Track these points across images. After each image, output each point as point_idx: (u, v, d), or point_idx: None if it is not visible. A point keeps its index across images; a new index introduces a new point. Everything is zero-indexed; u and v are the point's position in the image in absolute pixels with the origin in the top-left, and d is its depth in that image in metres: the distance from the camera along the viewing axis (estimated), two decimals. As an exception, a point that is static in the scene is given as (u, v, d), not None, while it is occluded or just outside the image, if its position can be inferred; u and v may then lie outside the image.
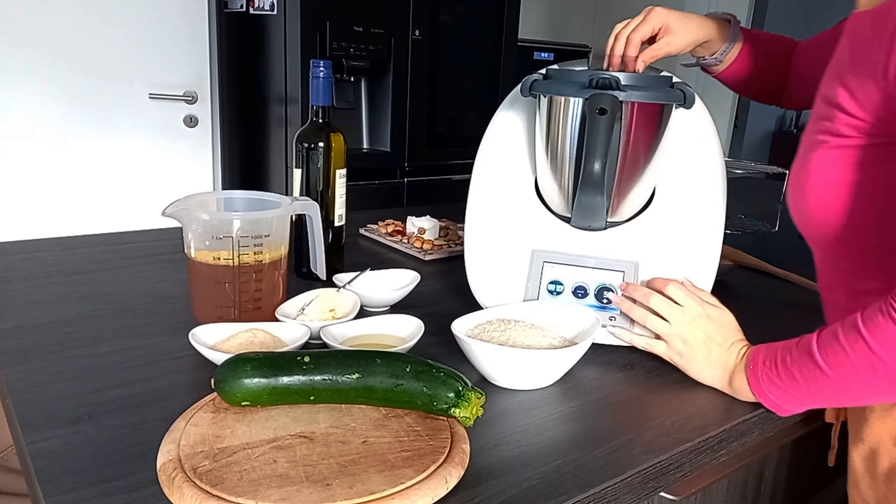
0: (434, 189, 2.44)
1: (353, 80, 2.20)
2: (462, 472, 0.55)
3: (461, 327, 0.77)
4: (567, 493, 0.55)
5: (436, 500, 0.52)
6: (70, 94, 1.97)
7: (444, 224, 1.33)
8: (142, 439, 0.59)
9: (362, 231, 1.34)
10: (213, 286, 0.82)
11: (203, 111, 2.20)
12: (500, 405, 0.69)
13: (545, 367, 0.73)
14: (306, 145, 0.98)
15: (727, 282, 1.13)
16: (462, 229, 1.08)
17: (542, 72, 0.83)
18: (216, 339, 0.75)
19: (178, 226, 0.82)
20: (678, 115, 0.82)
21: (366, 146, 2.37)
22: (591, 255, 0.85)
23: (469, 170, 0.91)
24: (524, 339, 0.75)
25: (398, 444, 0.57)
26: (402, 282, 0.97)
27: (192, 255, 0.82)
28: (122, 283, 0.98)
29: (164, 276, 1.02)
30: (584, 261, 0.85)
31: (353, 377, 0.61)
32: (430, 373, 0.61)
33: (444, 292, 1.02)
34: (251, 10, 2.16)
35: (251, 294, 0.83)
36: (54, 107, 1.96)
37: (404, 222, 1.32)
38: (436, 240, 1.25)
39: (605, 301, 0.84)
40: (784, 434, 0.74)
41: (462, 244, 1.01)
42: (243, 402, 0.61)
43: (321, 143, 0.98)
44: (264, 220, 0.83)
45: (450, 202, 1.53)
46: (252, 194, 0.90)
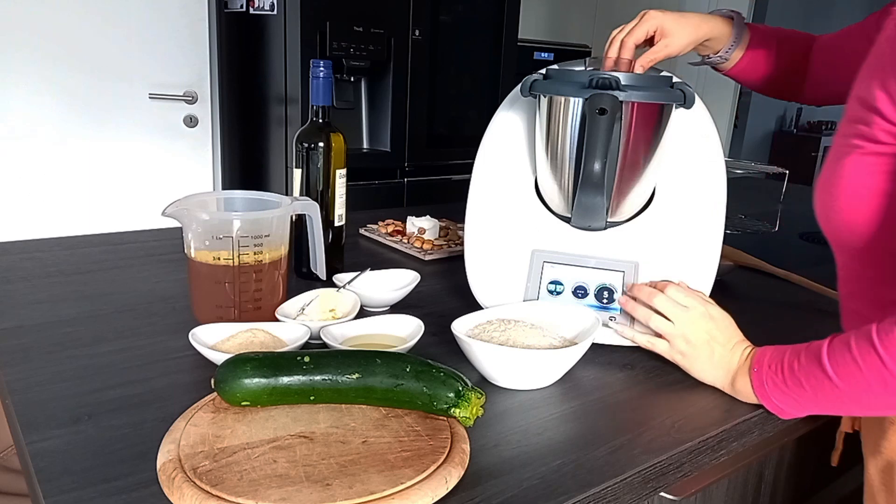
0: (434, 189, 2.44)
1: (353, 80, 2.20)
2: (462, 472, 0.55)
3: (461, 327, 0.77)
4: (567, 493, 0.55)
5: (436, 500, 0.52)
6: (70, 94, 1.97)
7: (444, 224, 1.33)
8: (142, 439, 0.59)
9: (362, 231, 1.34)
10: (213, 286, 0.82)
11: (203, 111, 2.20)
12: (500, 405, 0.69)
13: (545, 367, 0.73)
14: (306, 145, 0.98)
15: (727, 282, 1.13)
16: (462, 229, 1.08)
17: (542, 72, 0.83)
18: (216, 339, 0.75)
19: (178, 226, 0.82)
20: (678, 115, 0.82)
21: (366, 146, 2.37)
22: (591, 255, 0.85)
23: (469, 170, 0.91)
24: (524, 339, 0.75)
25: (398, 444, 0.57)
26: (402, 282, 0.97)
27: (192, 255, 0.82)
28: (122, 283, 0.98)
29: (164, 276, 1.02)
30: (584, 261, 0.85)
31: (353, 377, 0.61)
32: (430, 373, 0.61)
33: (444, 292, 1.02)
34: (251, 10, 2.16)
35: (251, 294, 0.83)
36: (54, 107, 1.96)
37: (404, 222, 1.32)
38: (436, 240, 1.25)
39: (605, 301, 0.84)
40: (784, 434, 0.74)
41: (462, 244, 1.01)
42: (243, 402, 0.61)
43: (321, 143, 0.98)
44: (264, 220, 0.83)
45: (450, 202, 1.53)
46: (252, 194, 0.90)
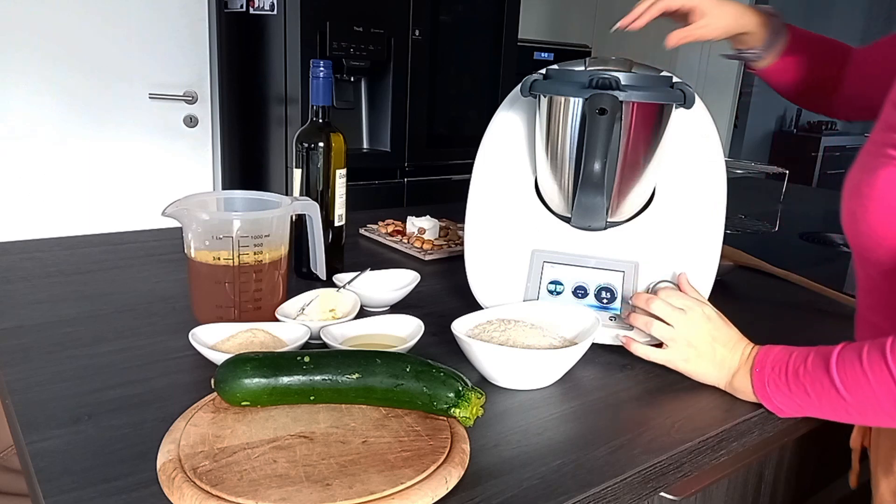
0: (434, 189, 2.44)
1: (353, 80, 2.20)
2: (462, 472, 0.55)
3: (461, 327, 0.77)
4: (567, 493, 0.55)
5: (436, 500, 0.52)
6: (70, 94, 1.97)
7: (444, 224, 1.33)
8: (142, 439, 0.59)
9: (362, 231, 1.34)
10: (213, 286, 0.82)
11: (203, 111, 2.20)
12: (500, 405, 0.69)
13: (545, 367, 0.73)
14: (306, 145, 0.98)
15: (727, 282, 1.13)
16: (462, 229, 1.08)
17: (542, 72, 0.83)
18: (216, 339, 0.75)
19: (178, 226, 0.82)
20: (678, 115, 0.82)
21: (366, 146, 2.37)
22: (591, 255, 0.85)
23: (469, 170, 0.91)
24: (524, 339, 0.75)
25: (398, 444, 0.57)
26: (402, 282, 0.97)
27: (192, 255, 0.82)
28: (122, 283, 0.98)
29: (164, 276, 1.02)
30: (584, 261, 0.85)
31: (353, 377, 0.61)
32: (430, 373, 0.61)
33: (444, 292, 1.02)
34: (251, 10, 2.16)
35: (251, 294, 0.83)
36: (54, 107, 1.96)
37: (404, 222, 1.32)
38: (436, 240, 1.25)
39: (605, 301, 0.84)
40: (784, 434, 0.74)
41: (462, 244, 1.01)
42: (243, 402, 0.61)
43: (321, 143, 0.98)
44: (264, 220, 0.83)
45: (450, 202, 1.53)
46: (252, 194, 0.90)
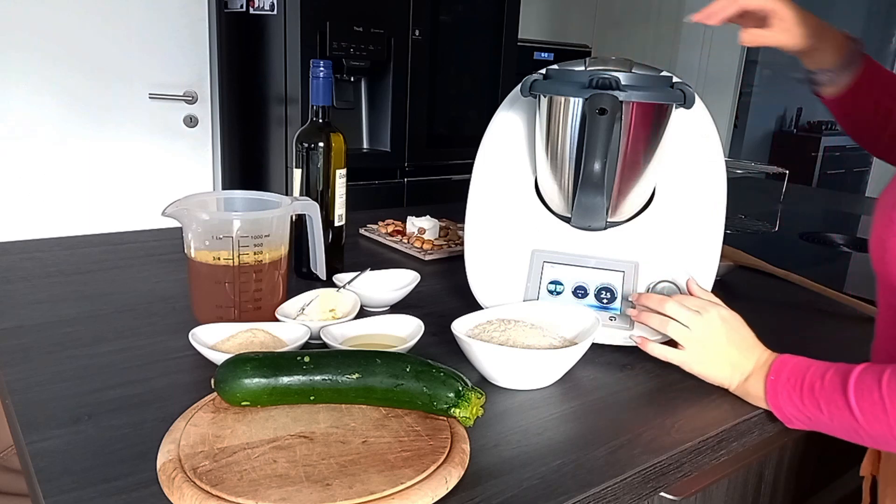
0: (434, 189, 2.44)
1: (353, 80, 2.20)
2: (462, 472, 0.55)
3: (461, 327, 0.77)
4: (567, 493, 0.55)
5: (436, 500, 0.52)
6: (70, 94, 1.97)
7: (444, 224, 1.33)
8: (142, 439, 0.59)
9: (362, 231, 1.34)
10: (213, 286, 0.82)
11: (203, 111, 2.20)
12: (500, 405, 0.69)
13: (545, 367, 0.73)
14: (306, 145, 0.98)
15: (727, 282, 1.13)
16: (462, 229, 1.08)
17: (542, 72, 0.83)
18: (216, 339, 0.75)
19: (178, 226, 0.82)
20: (678, 115, 0.82)
21: (366, 146, 2.37)
22: (591, 255, 0.85)
23: (469, 170, 0.91)
24: (524, 339, 0.75)
25: (398, 444, 0.57)
26: (402, 282, 0.97)
27: (192, 255, 0.82)
28: (122, 283, 0.98)
29: (164, 276, 1.02)
30: (584, 261, 0.85)
31: (353, 377, 0.61)
32: (430, 373, 0.61)
33: (444, 292, 1.02)
34: (251, 10, 2.16)
35: (251, 294, 0.83)
36: (54, 107, 1.96)
37: (404, 222, 1.32)
38: (436, 240, 1.25)
39: (605, 301, 0.84)
40: (784, 434, 0.74)
41: (462, 244, 1.01)
42: (243, 402, 0.61)
43: (321, 143, 0.98)
44: (264, 220, 0.83)
45: (450, 202, 1.53)
46: (252, 194, 0.90)
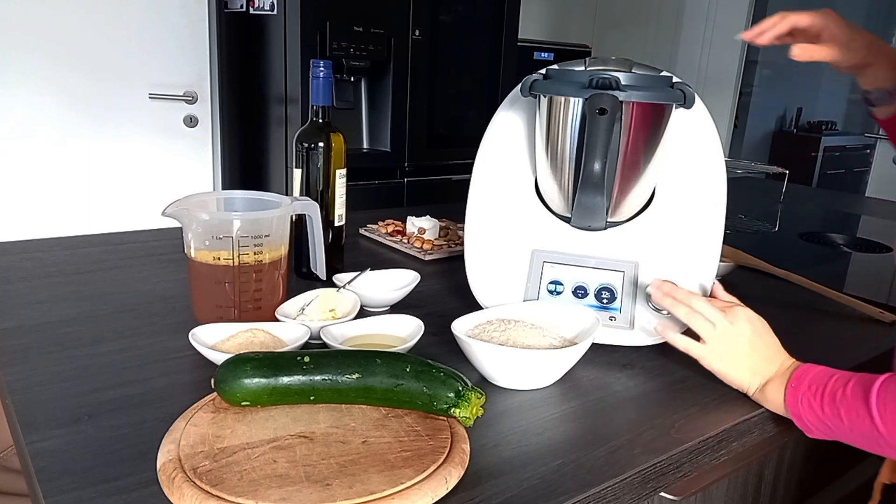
0: (434, 189, 2.44)
1: (353, 80, 2.20)
2: (462, 472, 0.55)
3: (461, 327, 0.77)
4: (567, 493, 0.55)
5: (436, 500, 0.52)
6: (70, 94, 1.97)
7: (444, 224, 1.33)
8: (142, 439, 0.59)
9: (362, 231, 1.34)
10: (213, 286, 0.82)
11: (203, 111, 2.20)
12: (500, 405, 0.69)
13: (545, 367, 0.73)
14: (306, 145, 0.98)
15: (727, 282, 1.13)
16: (462, 229, 1.08)
17: (542, 72, 0.83)
18: (216, 339, 0.75)
19: (178, 226, 0.82)
20: (678, 115, 0.82)
21: (366, 146, 2.37)
22: (591, 255, 0.85)
23: (469, 170, 0.91)
24: (524, 339, 0.75)
25: (398, 444, 0.57)
26: (402, 282, 0.97)
27: (192, 255, 0.82)
28: (122, 283, 0.98)
29: (164, 276, 1.02)
30: (584, 261, 0.85)
31: (353, 377, 0.61)
32: (430, 373, 0.61)
33: (444, 292, 1.02)
34: (251, 10, 2.16)
35: (251, 294, 0.83)
36: (54, 107, 1.96)
37: (404, 222, 1.32)
38: (436, 240, 1.25)
39: (605, 301, 0.84)
40: (784, 434, 0.74)
41: (462, 244, 1.01)
42: (243, 402, 0.61)
43: (321, 143, 0.98)
44: (264, 220, 0.83)
45: (450, 202, 1.53)
46: (252, 194, 0.90)
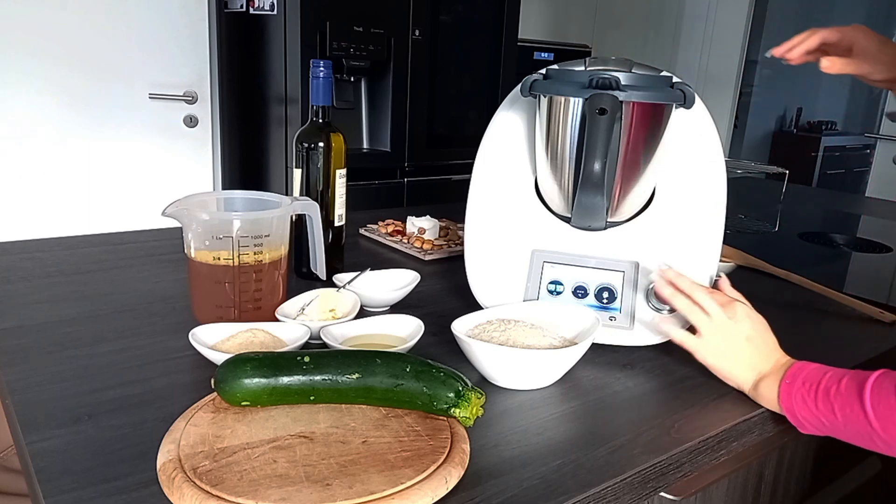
0: (434, 189, 2.44)
1: (353, 80, 2.20)
2: (462, 472, 0.55)
3: (461, 327, 0.77)
4: (567, 493, 0.55)
5: (436, 500, 0.52)
6: (70, 94, 1.97)
7: (444, 224, 1.33)
8: (142, 439, 0.59)
9: (362, 231, 1.34)
10: (213, 286, 0.82)
11: (203, 111, 2.20)
12: (500, 405, 0.69)
13: (545, 367, 0.73)
14: (306, 145, 0.98)
15: (727, 282, 1.13)
16: (462, 229, 1.08)
17: (542, 72, 0.83)
18: (216, 339, 0.75)
19: (178, 226, 0.82)
20: (678, 115, 0.82)
21: (366, 146, 2.37)
22: (591, 255, 0.85)
23: (469, 170, 0.91)
24: (524, 339, 0.75)
25: (398, 444, 0.57)
26: (402, 282, 0.97)
27: (192, 255, 0.82)
28: (122, 283, 0.98)
29: (164, 276, 1.02)
30: (584, 261, 0.85)
31: (353, 377, 0.61)
32: (430, 373, 0.61)
33: (444, 292, 1.02)
34: (251, 10, 2.16)
35: (251, 294, 0.83)
36: (54, 107, 1.96)
37: (404, 222, 1.32)
38: (436, 240, 1.25)
39: (605, 301, 0.84)
40: (784, 434, 0.74)
41: (462, 244, 1.01)
42: (243, 402, 0.61)
43: (321, 143, 0.98)
44: (264, 220, 0.83)
45: (450, 202, 1.53)
46: (252, 194, 0.90)
